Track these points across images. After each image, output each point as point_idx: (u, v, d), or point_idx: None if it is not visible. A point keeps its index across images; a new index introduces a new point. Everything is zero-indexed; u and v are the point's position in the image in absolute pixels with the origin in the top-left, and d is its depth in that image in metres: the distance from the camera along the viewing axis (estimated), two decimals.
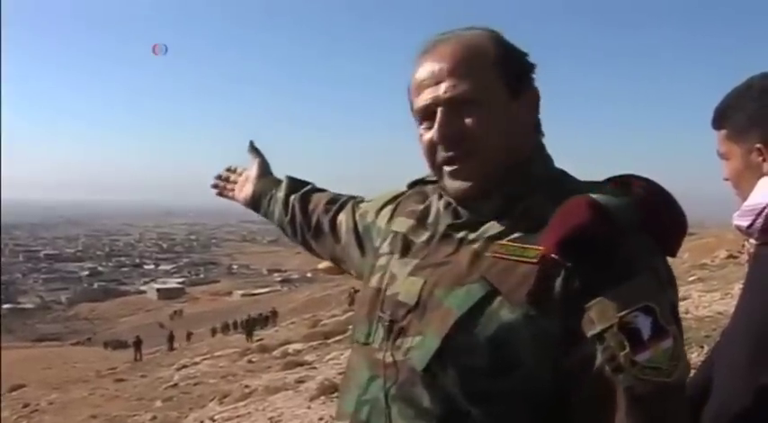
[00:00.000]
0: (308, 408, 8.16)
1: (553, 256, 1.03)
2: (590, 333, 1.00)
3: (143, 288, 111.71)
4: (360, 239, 1.48)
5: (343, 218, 1.55)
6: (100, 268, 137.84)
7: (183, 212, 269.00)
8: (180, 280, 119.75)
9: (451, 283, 1.10)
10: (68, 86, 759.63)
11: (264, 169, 1.79)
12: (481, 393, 1.05)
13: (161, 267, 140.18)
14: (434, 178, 1.24)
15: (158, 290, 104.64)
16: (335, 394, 7.87)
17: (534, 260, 1.05)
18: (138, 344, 33.55)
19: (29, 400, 19.79)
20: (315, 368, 12.42)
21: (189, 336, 40.92)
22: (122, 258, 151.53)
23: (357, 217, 1.51)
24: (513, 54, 1.16)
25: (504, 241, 1.09)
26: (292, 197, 1.66)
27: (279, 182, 1.74)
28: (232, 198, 1.84)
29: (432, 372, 1.07)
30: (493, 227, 1.12)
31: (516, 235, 1.09)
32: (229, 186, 1.85)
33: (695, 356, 6.61)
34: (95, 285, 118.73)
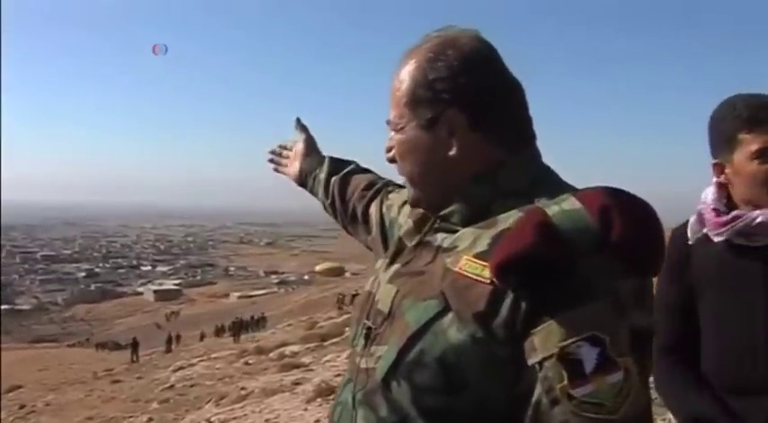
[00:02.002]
0: (305, 410, 8.16)
1: (493, 280, 0.99)
2: (531, 361, 0.96)
3: (140, 289, 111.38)
4: (384, 234, 1.47)
5: (373, 209, 1.55)
6: (97, 269, 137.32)
7: (180, 214, 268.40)
8: (177, 281, 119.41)
9: (417, 297, 1.09)
10: (66, 89, 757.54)
11: (311, 146, 1.80)
12: (432, 410, 1.03)
13: (158, 269, 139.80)
14: None
15: (155, 291, 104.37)
16: (332, 396, 7.87)
17: (488, 281, 0.99)
18: (134, 345, 33.49)
19: (25, 402, 19.75)
20: (311, 370, 12.42)
21: (178, 338, 39.95)
22: (119, 260, 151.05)
23: (384, 209, 1.51)
24: (431, 81, 1.13)
25: (469, 256, 1.05)
26: (333, 179, 1.68)
27: (323, 160, 1.75)
28: (285, 173, 1.86)
29: (388, 383, 1.07)
30: (465, 238, 1.10)
31: (482, 249, 1.05)
32: (284, 161, 1.87)
33: None
34: (92, 287, 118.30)
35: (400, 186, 1.56)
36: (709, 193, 1.72)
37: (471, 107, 1.12)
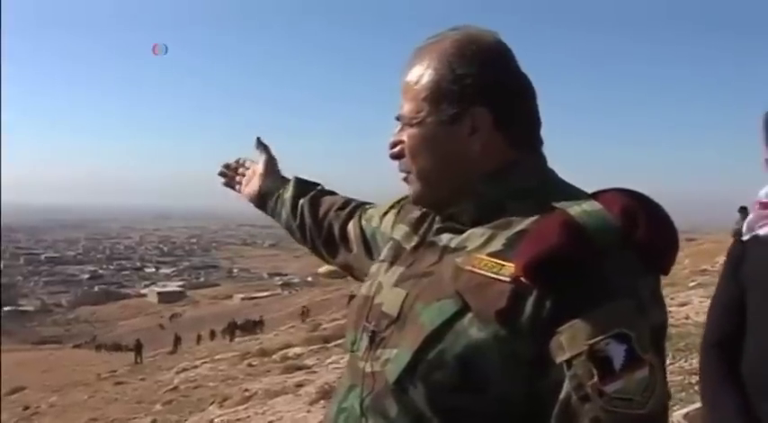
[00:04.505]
0: (308, 411, 8.16)
1: (521, 279, 0.99)
2: (559, 359, 0.97)
3: (144, 291, 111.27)
4: (368, 246, 1.48)
5: (351, 226, 1.54)
6: (101, 271, 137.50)
7: (183, 216, 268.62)
8: (180, 283, 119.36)
9: (431, 298, 1.09)
10: (69, 90, 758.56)
11: (272, 166, 1.75)
12: (450, 410, 1.03)
13: (162, 270, 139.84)
14: None
15: (159, 293, 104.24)
16: None
17: (508, 279, 1.00)
18: (138, 347, 33.53)
19: (29, 403, 19.81)
20: (315, 372, 12.41)
21: (179, 340, 39.61)
22: (123, 261, 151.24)
23: (363, 223, 1.51)
24: (459, 76, 1.12)
25: (482, 255, 1.06)
26: (301, 200, 1.64)
27: (286, 181, 1.71)
28: (238, 191, 1.81)
29: (402, 385, 1.06)
30: (475, 237, 1.11)
31: (496, 248, 1.06)
32: (237, 178, 1.81)
33: (695, 362, 6.61)
34: (96, 288, 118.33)
35: (372, 205, 1.57)
36: (765, 188, 1.71)
37: (497, 105, 1.12)
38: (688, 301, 10.72)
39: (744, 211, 12.97)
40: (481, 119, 1.12)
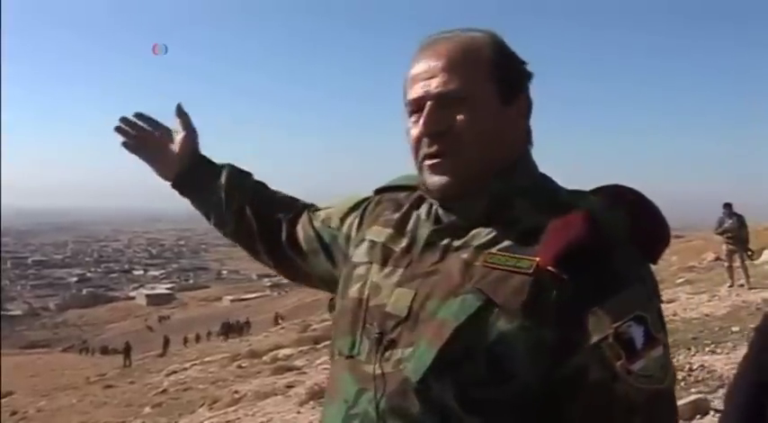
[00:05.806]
0: (298, 413, 8.17)
1: (550, 268, 1.03)
2: (586, 344, 1.02)
3: (132, 294, 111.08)
4: (327, 249, 1.43)
5: (300, 228, 1.48)
6: (89, 274, 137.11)
7: (172, 218, 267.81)
8: (169, 285, 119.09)
9: (445, 295, 1.09)
10: (56, 93, 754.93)
11: (192, 141, 1.60)
12: (476, 403, 1.05)
13: (150, 273, 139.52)
14: (404, 184, 1.31)
15: (147, 296, 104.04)
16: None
17: (529, 271, 1.04)
18: (127, 350, 33.41)
19: (17, 408, 19.72)
20: (304, 373, 12.43)
21: (168, 343, 39.43)
22: (111, 264, 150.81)
23: (318, 225, 1.45)
24: (509, 60, 1.17)
25: (494, 251, 1.08)
26: (239, 192, 1.55)
27: (214, 165, 1.59)
28: (147, 161, 1.63)
29: (427, 383, 1.06)
30: (480, 235, 1.11)
31: (506, 244, 1.08)
32: (149, 143, 1.62)
33: (682, 358, 6.65)
34: (84, 291, 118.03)
35: (316, 206, 1.52)
36: None
37: (529, 97, 1.20)
38: (675, 298, 10.79)
39: (727, 207, 13.07)
40: (526, 105, 1.18)
